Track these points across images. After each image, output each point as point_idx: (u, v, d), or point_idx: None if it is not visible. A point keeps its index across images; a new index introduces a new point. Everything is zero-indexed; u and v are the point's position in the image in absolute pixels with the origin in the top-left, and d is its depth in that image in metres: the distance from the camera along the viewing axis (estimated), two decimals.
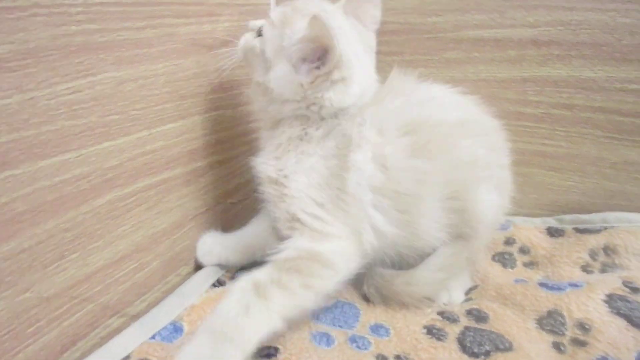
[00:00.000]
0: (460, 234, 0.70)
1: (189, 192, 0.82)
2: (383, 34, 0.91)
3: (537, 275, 0.80)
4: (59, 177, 0.58)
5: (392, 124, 0.69)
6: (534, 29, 0.86)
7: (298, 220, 0.67)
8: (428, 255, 0.72)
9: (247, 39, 0.75)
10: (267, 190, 0.72)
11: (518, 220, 0.94)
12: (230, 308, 0.56)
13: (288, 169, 0.70)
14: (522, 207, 0.95)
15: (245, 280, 0.59)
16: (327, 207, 0.67)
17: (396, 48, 0.94)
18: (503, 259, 0.85)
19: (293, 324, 0.62)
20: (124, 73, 0.65)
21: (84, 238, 0.63)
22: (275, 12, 0.72)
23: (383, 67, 0.77)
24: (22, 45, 0.52)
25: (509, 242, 0.88)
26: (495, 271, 0.82)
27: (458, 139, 0.70)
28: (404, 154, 0.67)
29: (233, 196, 0.95)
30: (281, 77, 0.69)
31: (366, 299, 0.76)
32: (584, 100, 0.87)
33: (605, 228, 0.83)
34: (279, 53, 0.69)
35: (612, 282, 0.70)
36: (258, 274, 0.60)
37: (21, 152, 0.54)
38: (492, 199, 0.72)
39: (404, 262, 0.73)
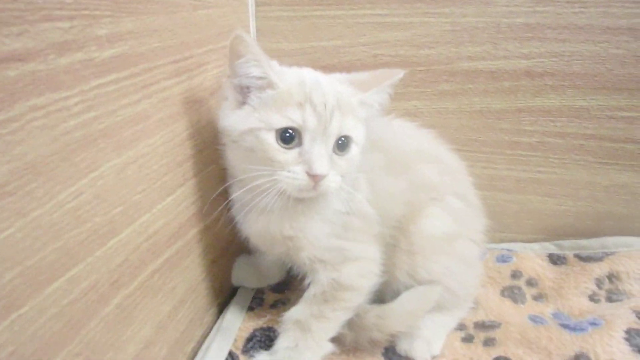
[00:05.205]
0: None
1: (189, 264, 0.74)
2: (375, 66, 0.87)
3: (548, 309, 0.82)
4: (67, 299, 0.49)
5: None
6: (528, 60, 0.86)
7: (321, 261, 0.69)
8: None
9: None
10: (279, 247, 0.70)
11: (517, 246, 0.95)
12: (283, 347, 0.69)
13: (301, 222, 0.67)
14: (519, 232, 0.97)
15: (287, 322, 0.70)
16: (342, 234, 0.69)
17: None
18: (512, 294, 0.85)
19: None
20: (124, 157, 0.56)
21: (95, 356, 0.54)
22: None
23: None
24: (20, 161, 0.42)
25: (515, 275, 0.88)
26: (508, 308, 0.82)
27: (414, 162, 0.75)
28: (378, 169, 0.71)
29: (227, 252, 0.88)
30: None
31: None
32: (577, 129, 0.88)
33: (607, 254, 0.86)
34: None
35: (626, 316, 0.73)
36: (296, 314, 0.70)
37: (26, 285, 0.44)
38: (440, 222, 0.73)
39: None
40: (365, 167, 0.69)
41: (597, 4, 0.81)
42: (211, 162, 0.76)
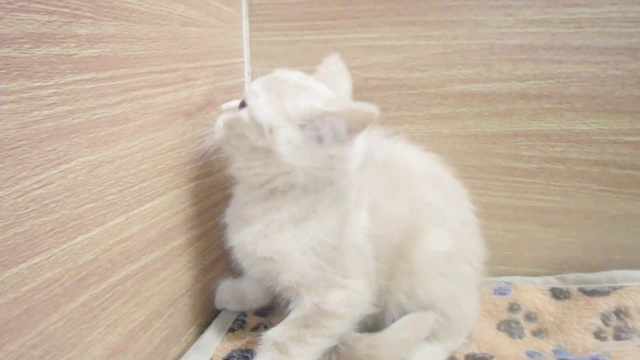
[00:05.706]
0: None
1: (167, 276, 0.73)
2: (366, 90, 0.87)
3: (548, 346, 0.76)
4: (27, 286, 0.49)
5: (370, 163, 0.70)
6: (523, 82, 0.85)
7: (302, 285, 0.67)
8: None
9: (228, 115, 0.69)
10: (259, 267, 0.69)
11: (517, 280, 0.90)
12: None
13: (283, 246, 0.66)
14: (519, 265, 0.93)
15: (265, 342, 0.67)
16: (327, 268, 0.66)
17: (380, 104, 0.90)
18: (509, 328, 0.80)
19: None
20: (99, 155, 0.57)
21: (55, 352, 0.53)
22: (256, 84, 0.69)
23: None
24: None
25: (512, 308, 0.83)
26: (503, 342, 0.76)
27: (420, 186, 0.74)
28: (383, 191, 0.71)
29: (211, 271, 0.87)
30: (290, 142, 0.63)
31: None
32: (578, 154, 0.85)
33: (614, 288, 0.80)
34: (281, 120, 0.64)
35: (634, 353, 0.67)
36: (274, 335, 0.67)
37: None
38: (441, 242, 0.71)
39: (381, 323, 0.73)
40: (370, 192, 0.70)
41: (593, 24, 0.81)
42: (196, 177, 0.77)
